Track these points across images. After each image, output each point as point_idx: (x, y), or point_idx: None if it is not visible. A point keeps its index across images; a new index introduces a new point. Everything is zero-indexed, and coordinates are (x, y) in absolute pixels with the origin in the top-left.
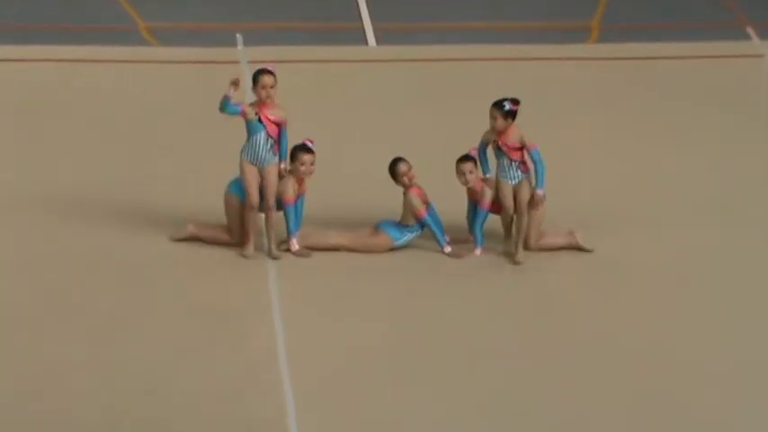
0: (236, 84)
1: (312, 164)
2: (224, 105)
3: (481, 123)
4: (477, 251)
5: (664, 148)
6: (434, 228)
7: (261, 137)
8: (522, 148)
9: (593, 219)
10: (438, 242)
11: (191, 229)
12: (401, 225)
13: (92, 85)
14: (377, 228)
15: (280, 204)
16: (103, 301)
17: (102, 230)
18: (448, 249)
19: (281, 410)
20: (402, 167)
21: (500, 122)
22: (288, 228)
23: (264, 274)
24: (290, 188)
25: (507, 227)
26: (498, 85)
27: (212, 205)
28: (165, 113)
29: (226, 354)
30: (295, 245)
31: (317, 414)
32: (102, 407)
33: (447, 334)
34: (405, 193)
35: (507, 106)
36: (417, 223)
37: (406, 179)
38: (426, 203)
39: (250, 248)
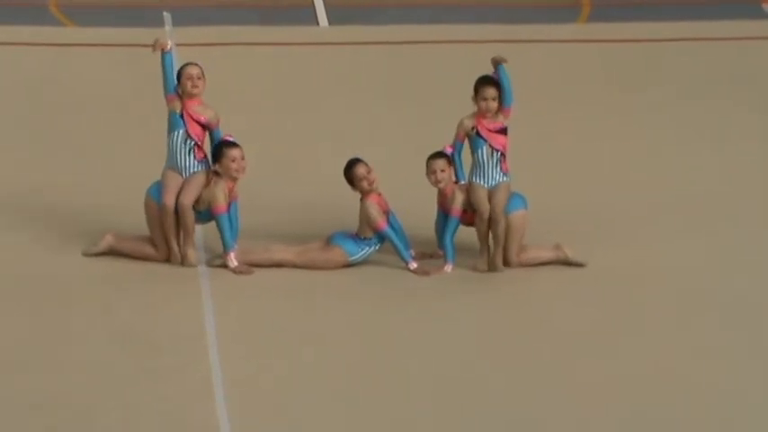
0: (160, 45)
1: (243, 158)
2: (163, 59)
3: (455, 116)
4: (448, 267)
5: (664, 145)
6: (396, 241)
7: (178, 136)
8: (505, 129)
9: (582, 227)
10: (401, 257)
11: (109, 241)
12: (357, 238)
13: None
14: (329, 241)
15: (210, 215)
16: (10, 325)
17: (4, 240)
18: (413, 265)
19: None
20: (360, 170)
21: (493, 104)
22: (223, 241)
23: (197, 294)
24: (221, 194)
25: (483, 238)
26: (473, 73)
27: (135, 214)
28: (78, 106)
29: (154, 388)
30: (233, 260)
31: None
32: None
33: (410, 364)
34: (362, 201)
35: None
36: (376, 236)
37: (364, 184)
38: (387, 212)
39: (176, 258)
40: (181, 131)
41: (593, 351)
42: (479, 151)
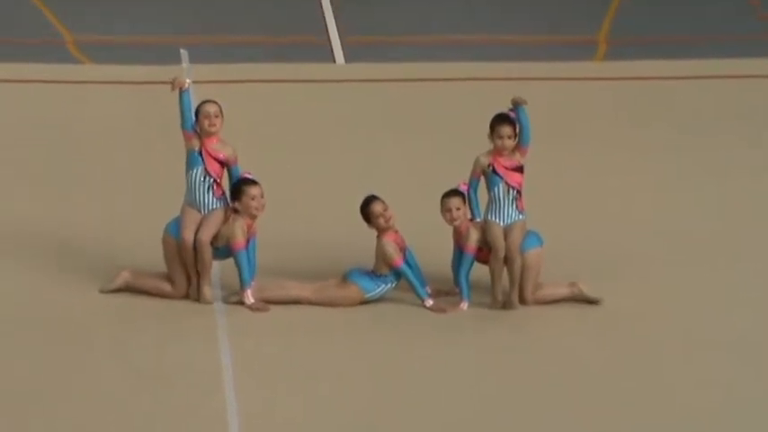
0: (178, 83)
1: (262, 196)
2: (181, 98)
3: (470, 154)
4: (464, 305)
5: (680, 183)
6: (412, 278)
7: (197, 173)
8: (521, 167)
9: (595, 263)
10: (417, 294)
11: (125, 278)
12: (374, 274)
13: (10, 110)
14: (345, 278)
15: (228, 251)
16: (27, 361)
17: (23, 279)
18: (429, 303)
19: None
20: (376, 207)
21: (510, 142)
22: (240, 277)
23: (213, 331)
24: (240, 231)
25: (497, 275)
26: (489, 110)
27: (151, 250)
28: (96, 143)
29: (169, 424)
30: (249, 297)
31: None
32: None
33: (425, 401)
34: (378, 238)
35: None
36: (393, 273)
37: (381, 221)
38: (403, 249)
39: (193, 295)
40: (199, 169)
41: (609, 389)
42: (495, 189)
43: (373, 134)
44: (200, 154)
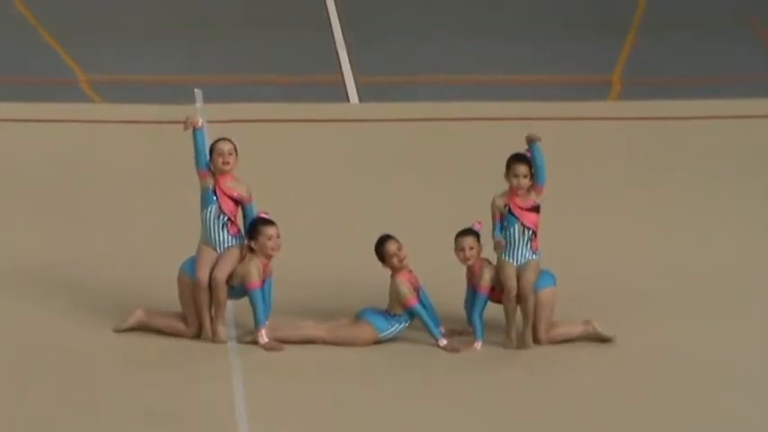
0: (192, 123)
1: (278, 236)
2: (195, 136)
3: (484, 193)
4: (477, 344)
5: (693, 222)
6: (426, 318)
7: (212, 211)
8: (537, 207)
9: (610, 303)
10: (431, 334)
11: (139, 316)
12: (387, 314)
13: (23, 148)
14: (359, 317)
15: (243, 291)
16: (37, 402)
17: (34, 318)
18: (443, 342)
19: None
20: (391, 247)
21: (525, 181)
22: (255, 317)
23: (228, 371)
24: (255, 270)
25: (510, 315)
26: (503, 149)
27: (165, 289)
28: (109, 181)
29: None
30: (264, 337)
31: None
32: None
33: None
34: (392, 277)
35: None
36: (406, 312)
37: (395, 260)
38: (417, 289)
39: (207, 334)
40: (214, 207)
41: (624, 428)
42: (511, 229)
43: (387, 173)
44: (215, 192)
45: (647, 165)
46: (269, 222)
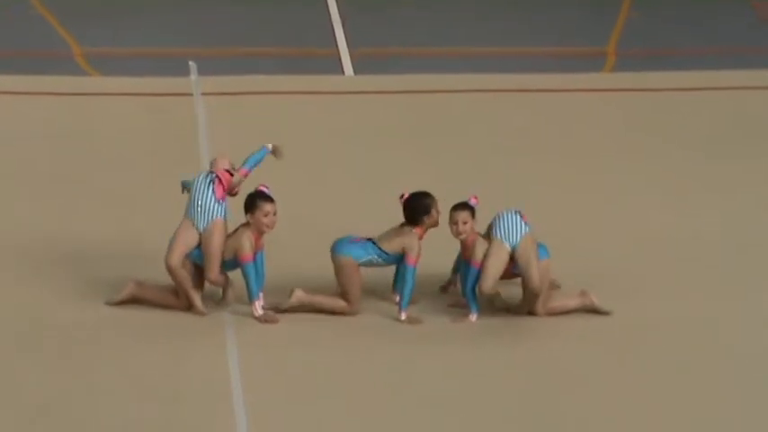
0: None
1: (275, 214)
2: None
3: (480, 166)
4: (473, 317)
5: (690, 195)
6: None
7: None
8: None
9: (608, 277)
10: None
11: (132, 289)
12: (363, 243)
13: (16, 122)
14: (334, 252)
15: (236, 263)
16: (33, 376)
17: (27, 293)
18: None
19: None
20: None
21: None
22: (249, 289)
23: (222, 344)
24: (248, 243)
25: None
26: (498, 121)
27: (160, 262)
28: (106, 154)
29: None
30: (258, 309)
31: None
32: None
33: (437, 412)
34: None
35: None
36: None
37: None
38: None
39: (197, 308)
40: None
41: (621, 400)
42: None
43: (383, 146)
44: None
45: (642, 136)
46: (267, 198)
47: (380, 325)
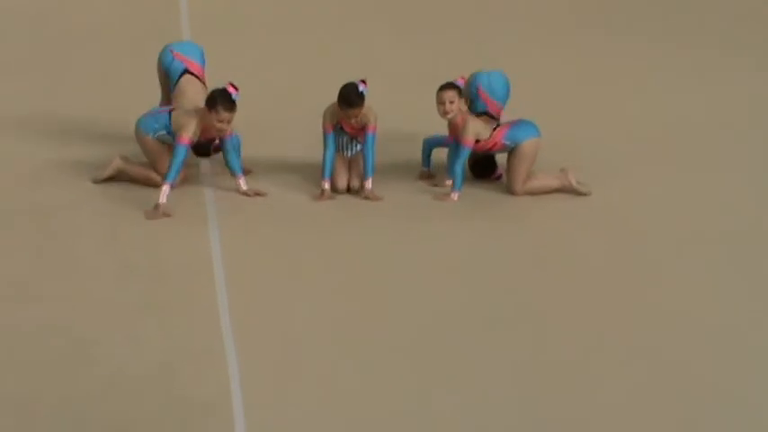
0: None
1: (229, 123)
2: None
3: (467, 48)
4: (455, 195)
5: (669, 78)
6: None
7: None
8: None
9: (589, 158)
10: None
11: (117, 164)
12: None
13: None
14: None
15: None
16: (15, 254)
17: (11, 173)
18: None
19: (224, 390)
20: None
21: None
22: (230, 166)
23: (203, 221)
24: (192, 128)
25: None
26: (489, 3)
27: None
28: (92, 35)
29: (157, 321)
30: (243, 184)
31: (268, 394)
32: (13, 382)
33: (416, 287)
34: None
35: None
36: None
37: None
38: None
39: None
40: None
41: (595, 280)
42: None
43: (369, 27)
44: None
45: (633, 16)
46: (228, 105)
47: (367, 204)
